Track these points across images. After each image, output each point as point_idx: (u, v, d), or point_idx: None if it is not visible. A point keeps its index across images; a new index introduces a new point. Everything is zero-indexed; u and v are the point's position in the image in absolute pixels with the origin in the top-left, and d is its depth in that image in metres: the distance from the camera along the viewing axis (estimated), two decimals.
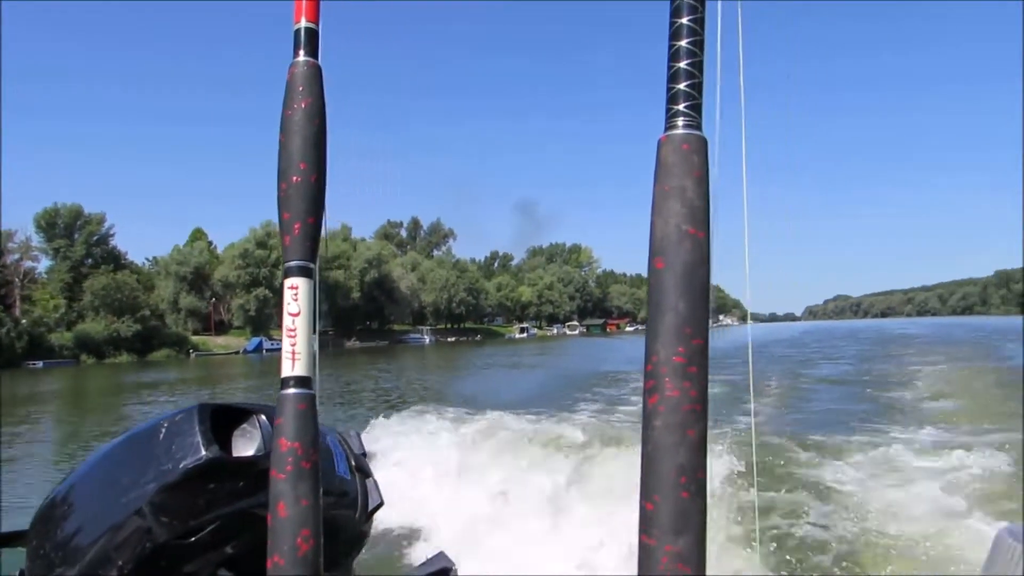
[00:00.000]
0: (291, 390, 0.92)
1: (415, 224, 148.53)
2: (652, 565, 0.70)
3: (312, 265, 0.95)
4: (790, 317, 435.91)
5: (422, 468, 7.43)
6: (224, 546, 1.29)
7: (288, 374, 0.92)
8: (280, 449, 0.91)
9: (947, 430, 8.89)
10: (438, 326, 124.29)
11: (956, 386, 13.60)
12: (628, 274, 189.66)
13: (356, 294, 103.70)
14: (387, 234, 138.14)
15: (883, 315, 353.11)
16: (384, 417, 10.58)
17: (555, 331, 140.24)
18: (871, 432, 8.50)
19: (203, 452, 1.25)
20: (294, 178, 0.94)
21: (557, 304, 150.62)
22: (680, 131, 0.75)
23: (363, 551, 1.76)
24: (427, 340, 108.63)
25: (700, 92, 0.76)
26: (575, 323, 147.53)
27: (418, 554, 4.78)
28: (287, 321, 0.93)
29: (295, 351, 0.92)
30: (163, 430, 1.30)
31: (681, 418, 0.71)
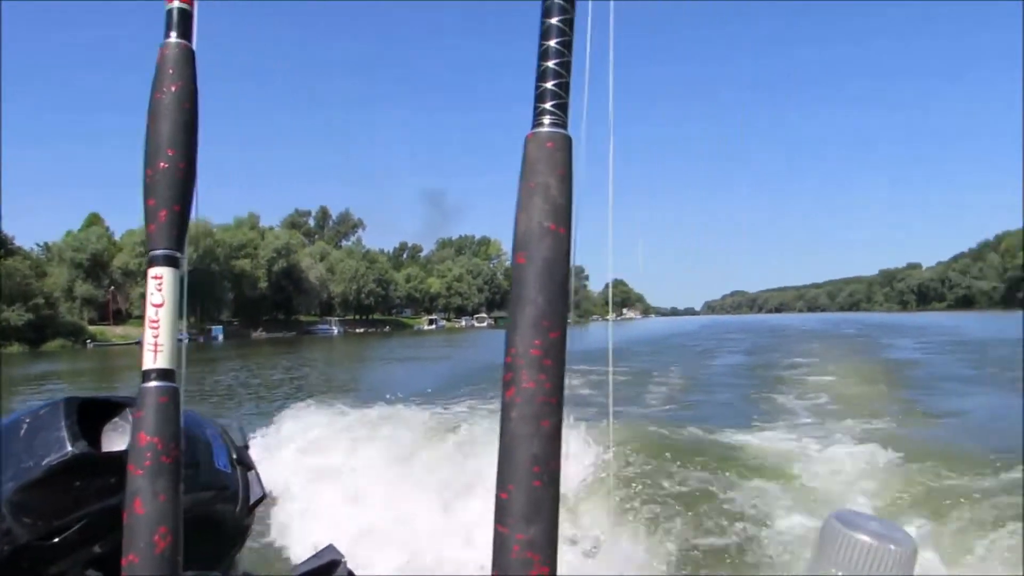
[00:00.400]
0: (152, 383, 0.88)
1: (323, 213, 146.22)
2: (505, 553, 0.71)
3: (179, 255, 0.92)
4: (690, 311, 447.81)
5: (312, 460, 7.28)
6: (92, 545, 1.24)
7: (149, 367, 0.89)
8: (139, 444, 0.87)
9: (831, 423, 9.27)
10: (347, 317, 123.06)
11: (839, 379, 14.21)
12: None
13: (263, 284, 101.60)
14: (295, 223, 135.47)
15: (777, 310, 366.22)
16: (281, 408, 10.38)
17: (464, 323, 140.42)
18: (759, 424, 8.78)
19: (68, 448, 1.19)
20: (161, 164, 0.91)
21: (466, 296, 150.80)
22: (546, 129, 0.76)
23: (248, 545, 1.72)
24: (336, 331, 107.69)
25: (567, 92, 0.76)
26: (484, 315, 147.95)
27: (306, 547, 4.71)
28: (150, 312, 0.89)
29: (157, 343, 0.89)
30: (25, 425, 1.24)
31: (536, 410, 0.71)
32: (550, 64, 0.76)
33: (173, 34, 0.94)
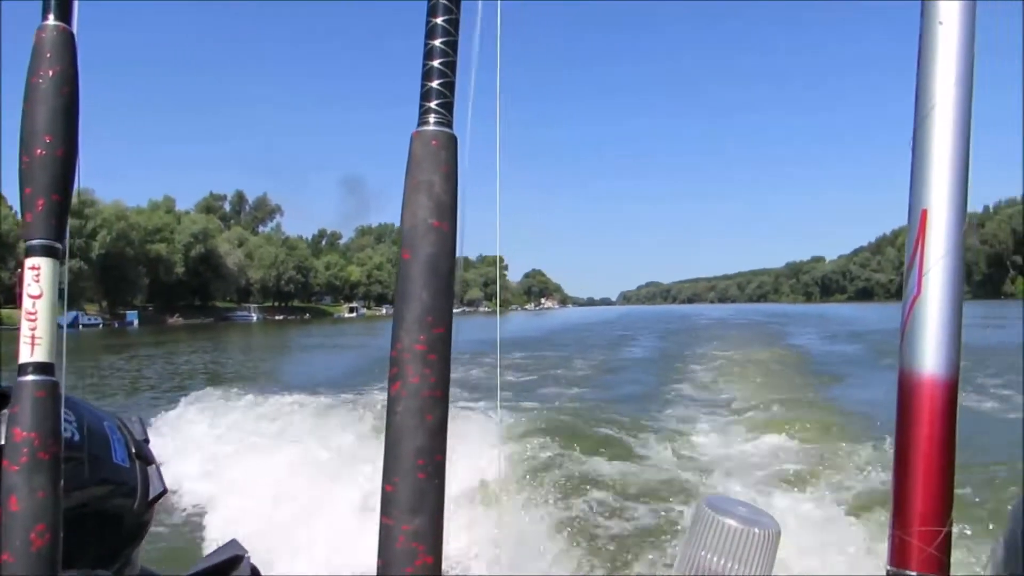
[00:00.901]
0: (29, 377, 0.85)
1: (239, 198, 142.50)
2: (390, 544, 0.71)
3: (58, 245, 0.88)
4: (606, 301, 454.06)
5: (219, 451, 7.06)
6: None
7: (26, 360, 0.85)
8: (14, 440, 0.83)
9: (732, 407, 9.55)
10: (265, 304, 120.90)
11: (746, 367, 14.65)
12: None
13: (180, 269, 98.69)
14: (210, 207, 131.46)
15: (690, 301, 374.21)
16: (193, 397, 10.06)
17: (384, 311, 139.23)
18: (668, 412, 8.96)
19: None
20: (38, 151, 0.87)
21: (387, 285, 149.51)
22: (431, 128, 0.76)
23: (148, 541, 1.68)
24: (254, 318, 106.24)
25: (452, 91, 0.77)
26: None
27: (209, 543, 4.60)
28: (27, 303, 0.86)
29: (35, 335, 0.85)
30: None
31: (421, 404, 0.72)
32: (435, 63, 0.76)
33: (51, 16, 0.90)
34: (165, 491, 1.64)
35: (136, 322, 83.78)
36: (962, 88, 0.65)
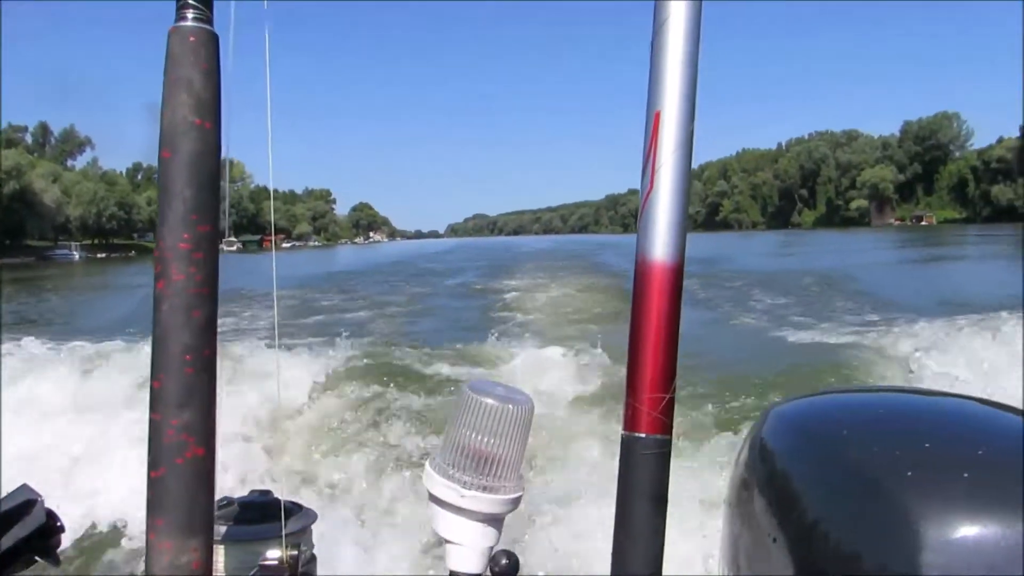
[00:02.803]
0: None
1: (43, 129, 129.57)
2: (159, 437, 0.71)
3: None
4: (434, 234, 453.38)
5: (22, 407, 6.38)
6: None
7: None
8: None
9: (548, 332, 9.88)
10: (85, 241, 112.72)
11: (561, 293, 15.13)
12: (281, 190, 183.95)
13: None
14: (10, 140, 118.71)
15: (515, 233, 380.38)
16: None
17: None
18: (486, 338, 9.11)
19: None
20: None
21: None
22: (189, 23, 0.73)
23: None
24: (76, 256, 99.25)
25: None
26: (233, 239, 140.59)
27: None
28: None
29: None
30: None
31: (187, 300, 0.72)
32: None
33: None
34: None
35: None
36: (692, 2, 0.69)
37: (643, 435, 0.68)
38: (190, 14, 0.73)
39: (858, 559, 0.64)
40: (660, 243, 0.68)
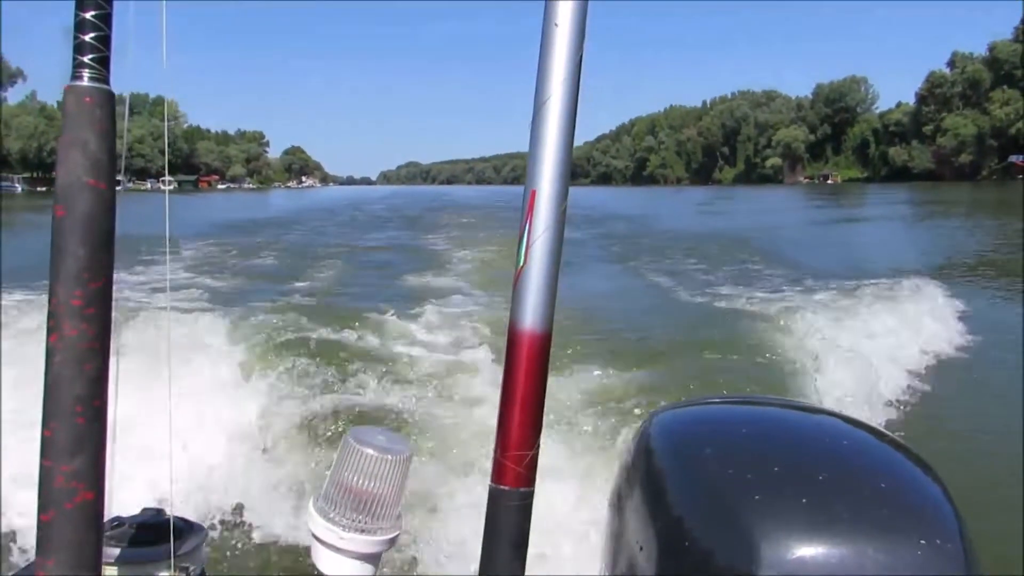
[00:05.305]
0: None
1: None
2: (49, 483, 0.73)
3: None
4: (366, 181, 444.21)
5: None
6: None
7: None
8: None
9: (469, 292, 9.79)
10: (25, 175, 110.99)
11: (486, 250, 14.84)
12: (214, 131, 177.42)
13: None
14: None
15: (448, 182, 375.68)
16: None
17: (148, 186, 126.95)
18: (406, 297, 8.95)
19: None
20: None
21: (148, 158, 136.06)
22: (85, 83, 0.73)
23: None
24: (19, 188, 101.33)
25: (108, 46, 0.73)
26: (169, 178, 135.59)
27: None
28: None
29: None
30: None
31: (78, 355, 0.73)
32: (88, 16, 0.72)
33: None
34: None
35: None
36: (570, 85, 0.72)
37: (507, 488, 0.74)
38: (86, 74, 0.72)
39: None
40: (531, 313, 0.73)
